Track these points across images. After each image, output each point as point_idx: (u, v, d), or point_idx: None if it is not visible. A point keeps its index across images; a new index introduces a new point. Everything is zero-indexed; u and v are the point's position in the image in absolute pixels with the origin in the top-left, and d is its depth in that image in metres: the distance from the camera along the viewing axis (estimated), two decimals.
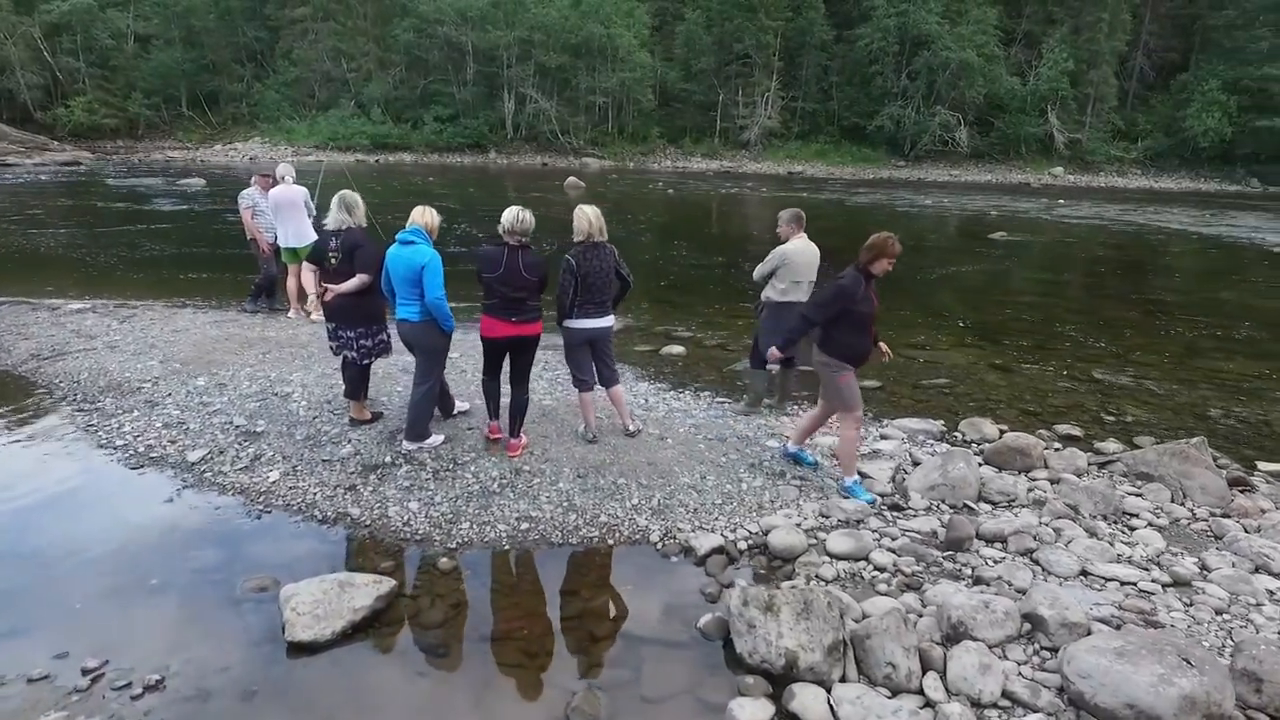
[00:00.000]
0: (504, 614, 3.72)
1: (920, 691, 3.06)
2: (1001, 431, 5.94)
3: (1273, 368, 8.25)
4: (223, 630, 3.51)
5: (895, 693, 3.06)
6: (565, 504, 4.57)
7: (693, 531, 4.38)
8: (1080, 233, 21.50)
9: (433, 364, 4.92)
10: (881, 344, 4.83)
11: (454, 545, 4.23)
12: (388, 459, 4.99)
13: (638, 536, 4.36)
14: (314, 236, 8.31)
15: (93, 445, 5.34)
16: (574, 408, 5.82)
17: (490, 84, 49.80)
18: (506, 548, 4.24)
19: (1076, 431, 6.08)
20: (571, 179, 30.89)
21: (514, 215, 4.69)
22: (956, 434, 5.99)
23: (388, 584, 3.67)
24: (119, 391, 6.18)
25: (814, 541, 4.26)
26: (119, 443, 5.35)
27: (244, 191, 8.64)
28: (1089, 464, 5.35)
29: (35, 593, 3.73)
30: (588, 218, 4.86)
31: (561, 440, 5.26)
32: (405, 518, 4.44)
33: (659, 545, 4.30)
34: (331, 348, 5.35)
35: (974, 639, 3.25)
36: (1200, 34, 48.62)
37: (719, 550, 4.19)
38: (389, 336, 5.32)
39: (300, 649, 3.36)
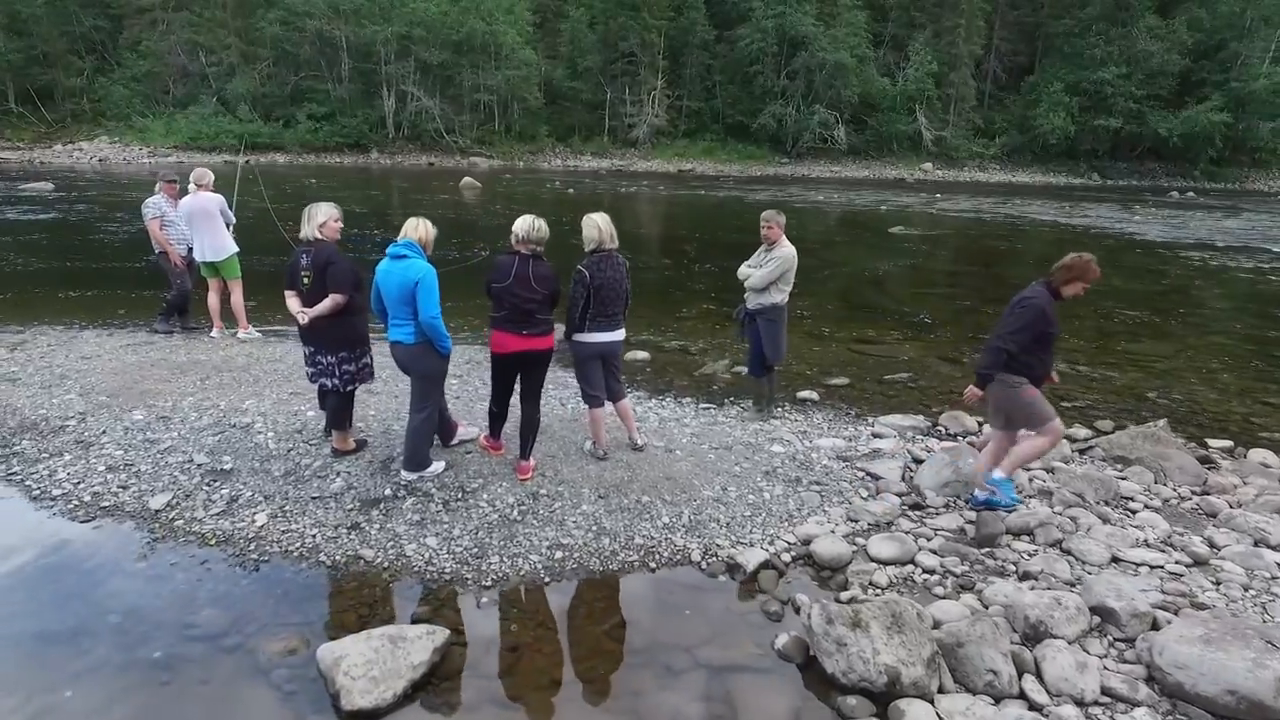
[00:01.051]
0: (566, 654, 3.47)
1: (1022, 696, 3.07)
2: (980, 424, 6.17)
3: (1178, 348, 9.04)
4: (260, 706, 3.09)
5: (998, 700, 3.06)
6: (595, 528, 4.34)
7: (733, 547, 4.26)
8: (966, 225, 22.91)
9: (430, 389, 4.56)
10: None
11: (489, 583, 3.92)
12: (387, 491, 4.60)
13: (678, 557, 4.20)
14: (234, 248, 7.65)
15: (24, 498, 4.62)
16: (569, 423, 5.60)
17: (368, 81, 47.58)
18: (546, 580, 3.97)
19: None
20: (467, 179, 30.04)
21: (529, 224, 4.41)
22: (940, 428, 6.17)
23: (441, 634, 3.35)
24: (36, 432, 5.39)
25: (854, 548, 4.24)
26: (56, 492, 4.65)
27: (149, 200, 7.78)
28: (1073, 450, 5.62)
29: (12, 687, 3.16)
30: (597, 225, 4.64)
31: (569, 459, 5.01)
32: (426, 556, 4.08)
33: (703, 564, 4.15)
34: (308, 374, 4.86)
35: (1054, 637, 3.31)
36: (1043, 40, 53.06)
37: (766, 565, 4.10)
38: (372, 360, 4.90)
39: (360, 718, 3.00)
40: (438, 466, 4.73)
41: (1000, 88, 54.26)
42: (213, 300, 7.88)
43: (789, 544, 4.32)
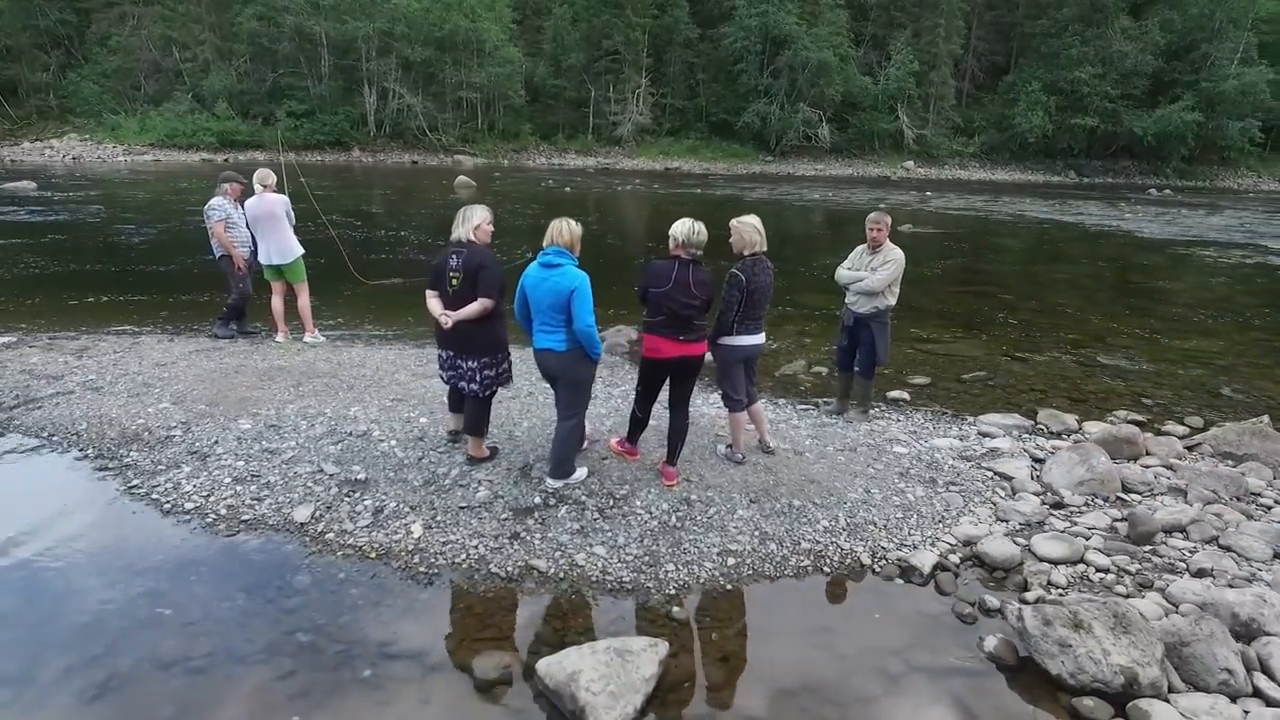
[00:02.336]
0: (780, 662, 3.44)
1: (1256, 694, 3.11)
2: (1079, 422, 6.25)
3: (1227, 344, 9.25)
4: None
5: (1234, 698, 3.09)
6: (757, 533, 4.31)
7: (898, 549, 4.26)
8: (971, 223, 23.23)
9: (580, 395, 4.48)
10: None
11: (672, 591, 3.87)
12: (537, 500, 4.52)
13: (848, 560, 4.19)
14: (300, 250, 7.48)
15: (156, 512, 4.47)
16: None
17: (349, 78, 46.83)
18: (727, 586, 3.94)
19: (1137, 416, 6.49)
20: (462, 178, 29.68)
21: (689, 228, 4.36)
22: (1042, 426, 6.23)
23: (662, 646, 3.29)
24: (142, 443, 5.22)
25: (1019, 548, 4.27)
26: (189, 506, 4.50)
27: (213, 201, 7.57)
28: (1183, 447, 5.72)
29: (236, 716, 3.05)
30: (754, 228, 4.61)
31: (705, 463, 4.97)
32: (600, 565, 4.02)
33: (874, 567, 4.15)
34: (443, 378, 4.77)
35: (1268, 634, 3.35)
36: (1018, 40, 53.98)
37: (939, 567, 4.11)
38: (511, 365, 4.82)
39: None
40: (581, 473, 4.66)
41: (978, 87, 55.11)
42: (277, 304, 7.70)
43: (951, 545, 4.33)
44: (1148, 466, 5.35)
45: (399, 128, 47.45)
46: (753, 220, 4.65)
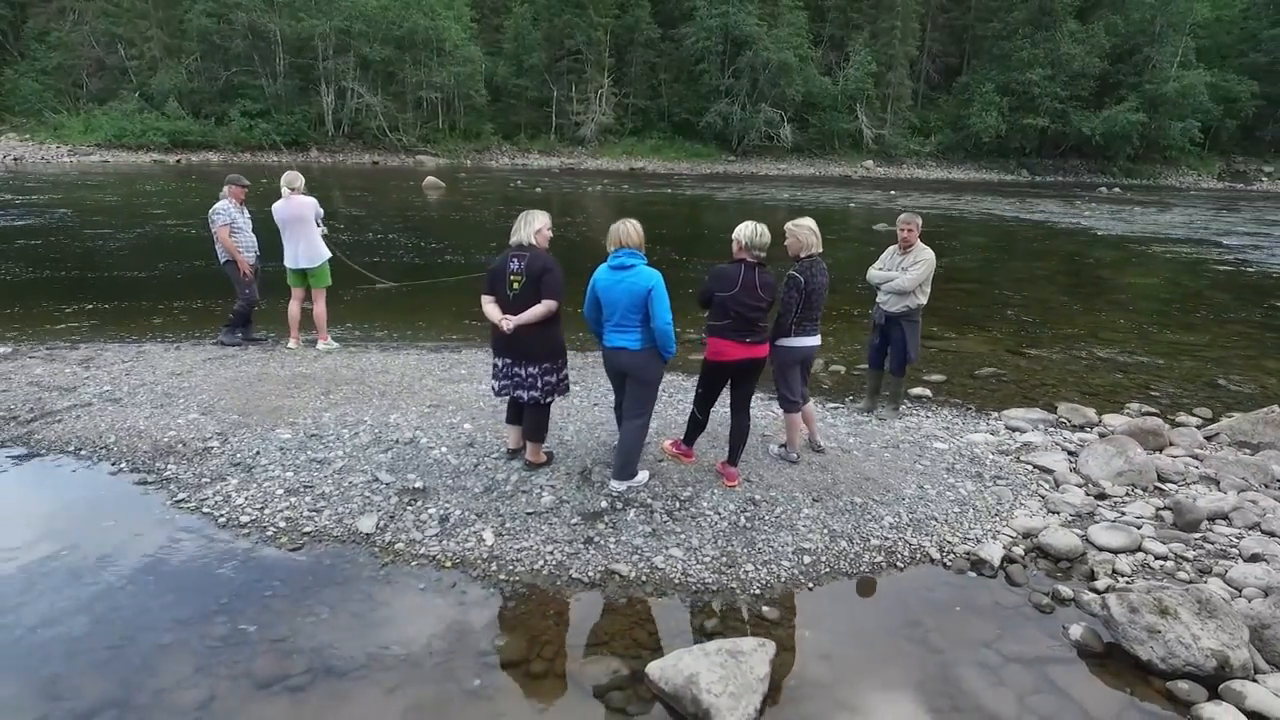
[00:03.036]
0: (880, 659, 3.49)
1: None
2: (1098, 415, 6.46)
3: (1210, 337, 9.65)
4: None
5: None
6: (827, 531, 4.37)
7: (963, 543, 4.37)
8: (940, 222, 23.73)
9: (650, 395, 4.49)
10: None
11: (756, 590, 3.91)
12: (603, 504, 4.51)
13: (917, 555, 4.27)
14: (327, 254, 7.33)
15: (212, 526, 4.34)
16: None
17: (305, 76, 45.87)
18: (809, 585, 3.98)
19: (1151, 409, 6.74)
20: (431, 179, 29.32)
21: (751, 230, 4.39)
22: (1064, 420, 6.43)
23: (770, 646, 3.32)
24: (179, 456, 5.06)
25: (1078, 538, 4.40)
26: (245, 519, 4.38)
27: (218, 205, 7.38)
28: (1203, 436, 5.96)
29: None
30: (810, 230, 4.67)
31: (760, 463, 5.02)
32: (679, 567, 4.03)
33: (945, 561, 4.24)
34: (495, 388, 4.71)
35: None
36: (971, 42, 55.38)
37: (1008, 559, 4.22)
38: (568, 374, 4.79)
39: None
40: (644, 476, 4.67)
41: (932, 88, 56.36)
42: (293, 309, 7.54)
43: (1012, 538, 4.45)
44: (1175, 457, 5.56)
45: (358, 128, 46.63)
46: (809, 223, 4.71)
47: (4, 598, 3.64)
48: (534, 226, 4.48)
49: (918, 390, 7.08)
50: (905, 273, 5.79)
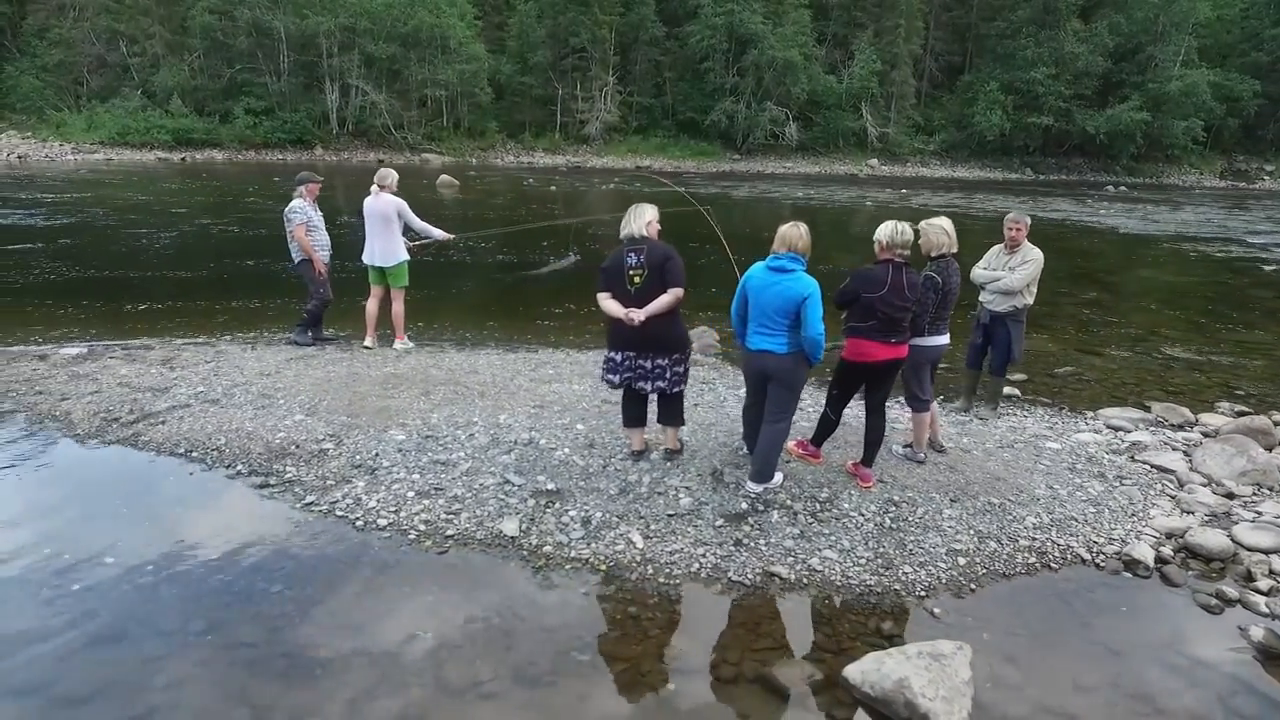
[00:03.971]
0: (1066, 660, 3.47)
1: None
2: (1194, 414, 6.46)
3: (1272, 336, 9.67)
4: None
5: None
6: (973, 531, 4.34)
7: (1109, 543, 4.34)
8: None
9: (793, 400, 4.45)
10: None
11: (921, 592, 3.88)
12: (743, 505, 4.47)
13: (1067, 556, 4.25)
14: (405, 255, 7.26)
15: (349, 528, 4.27)
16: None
17: (310, 74, 45.55)
18: (971, 587, 3.95)
19: (1243, 407, 6.74)
20: (445, 178, 29.14)
21: (892, 229, 4.36)
22: (1161, 419, 6.41)
23: (967, 648, 3.29)
24: (295, 458, 4.98)
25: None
26: (382, 522, 4.32)
27: (293, 204, 7.30)
28: None
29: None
30: (943, 230, 4.65)
31: (887, 464, 4.98)
32: (838, 569, 3.99)
33: (1096, 562, 4.21)
34: (614, 381, 4.66)
35: None
36: (973, 41, 55.49)
37: (1160, 560, 4.20)
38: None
39: None
40: (779, 478, 4.63)
41: (935, 86, 56.43)
42: (371, 307, 7.47)
43: (1156, 537, 4.43)
44: None
45: (363, 126, 46.32)
46: (942, 223, 4.69)
47: (173, 606, 3.57)
48: (645, 219, 4.47)
49: (1005, 389, 7.05)
50: (1013, 272, 5.77)
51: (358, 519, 4.36)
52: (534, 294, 10.90)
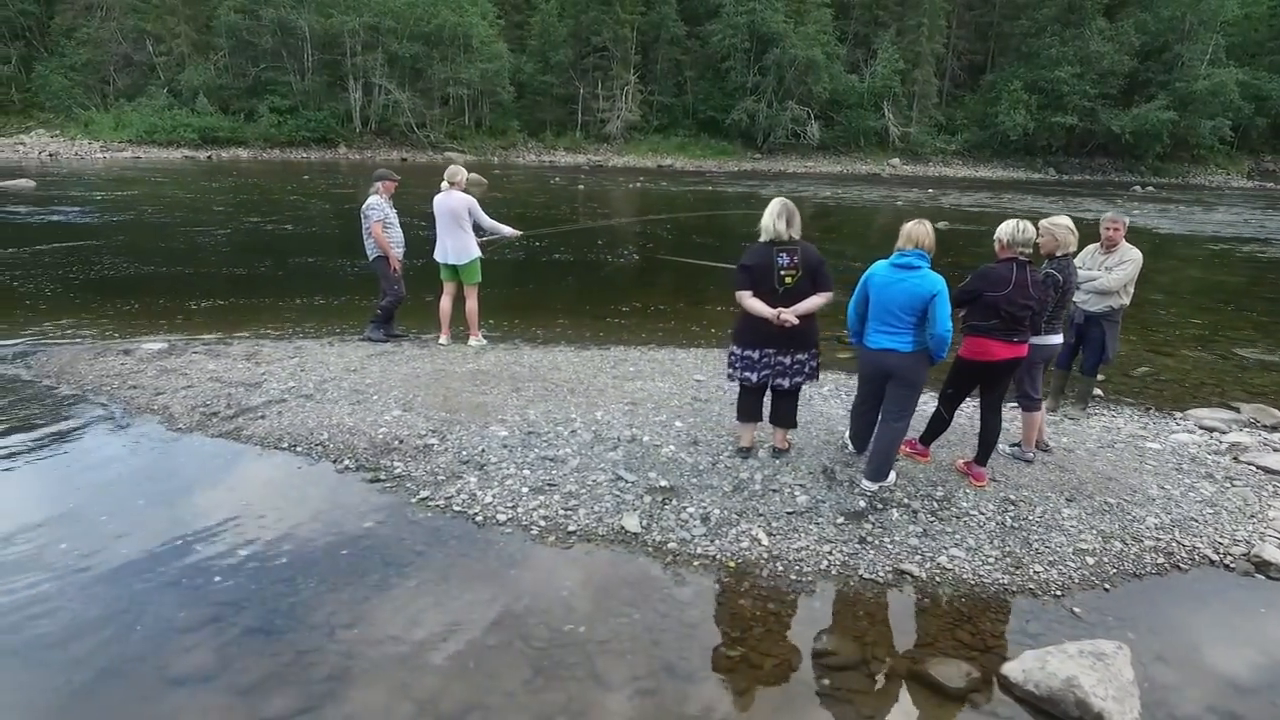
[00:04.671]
0: (1219, 662, 3.43)
1: None
2: None
3: None
4: None
5: None
6: (1096, 531, 4.31)
7: (1234, 544, 4.30)
8: (993, 221, 23.63)
9: (914, 397, 4.43)
10: None
11: (1057, 591, 3.85)
12: (861, 504, 4.46)
13: (1195, 557, 4.21)
14: (477, 252, 7.28)
15: (470, 524, 4.28)
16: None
17: (334, 73, 45.83)
18: (1105, 586, 3.93)
19: None
20: (474, 175, 29.13)
21: (1013, 228, 4.34)
22: (1253, 419, 6.35)
23: (1126, 648, 3.27)
24: (401, 454, 5.01)
25: None
26: (501, 518, 4.33)
27: (370, 200, 7.34)
28: None
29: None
30: (1068, 229, 4.64)
31: (995, 462, 4.93)
32: (967, 567, 3.97)
33: (1226, 563, 4.17)
34: (752, 379, 4.66)
35: None
36: (996, 40, 55.16)
37: None
38: None
39: None
40: (893, 476, 4.62)
41: (957, 85, 56.16)
42: (445, 305, 7.50)
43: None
44: None
45: (386, 124, 46.56)
46: (1065, 221, 4.66)
47: (315, 600, 3.60)
48: (796, 221, 4.47)
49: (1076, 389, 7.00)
50: (1110, 272, 5.72)
51: (476, 514, 4.37)
52: (598, 292, 10.98)
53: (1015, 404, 5.03)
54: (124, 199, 20.61)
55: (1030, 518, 4.38)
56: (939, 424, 4.78)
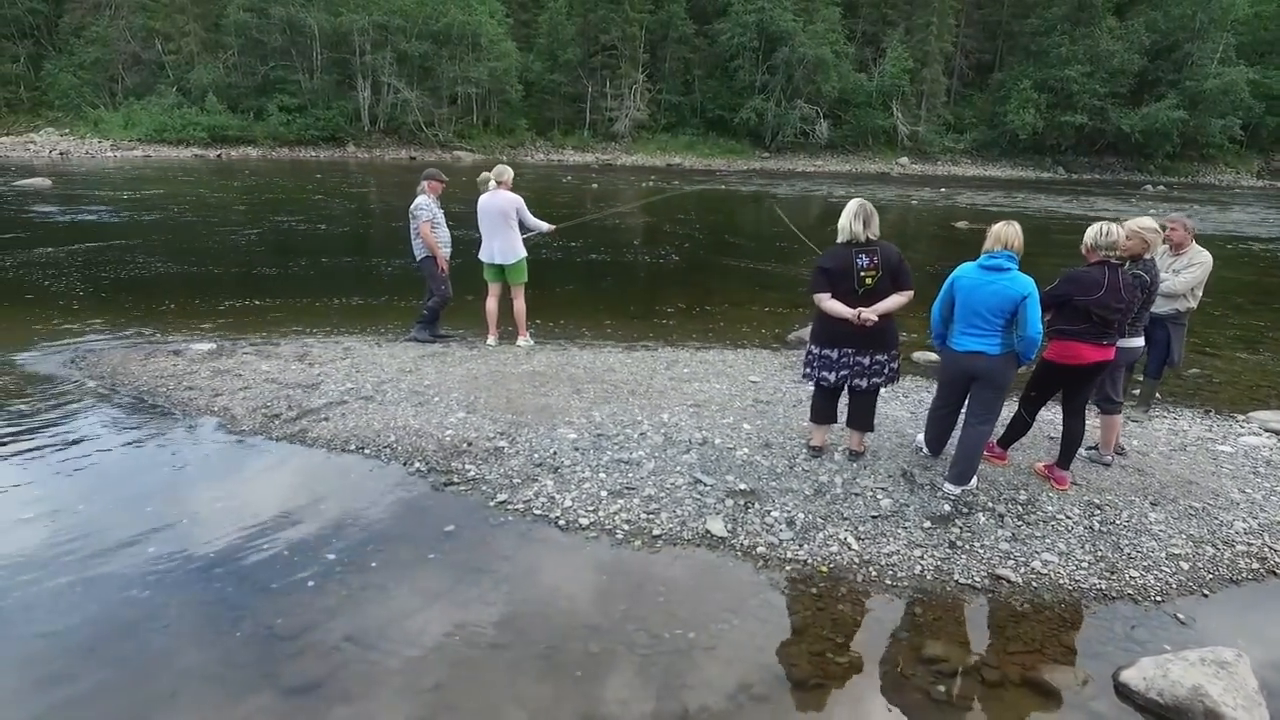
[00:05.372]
0: None
1: None
2: None
3: None
4: None
5: None
6: (1185, 536, 4.26)
7: None
8: (1020, 220, 23.54)
9: (998, 401, 4.39)
10: None
11: (1158, 598, 3.81)
12: (946, 508, 4.42)
13: None
14: (523, 252, 7.24)
15: (552, 529, 4.24)
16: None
17: (343, 71, 45.82)
18: (1205, 593, 3.88)
19: None
20: (484, 174, 29.04)
21: (1098, 231, 4.30)
22: None
23: (1246, 656, 3.23)
24: (472, 456, 4.97)
25: None
26: (584, 522, 4.30)
27: (419, 200, 7.32)
28: None
29: None
30: (1156, 231, 4.58)
31: (1073, 466, 4.90)
32: (1063, 572, 3.93)
33: None
34: (830, 379, 4.62)
35: None
36: (1004, 39, 55.05)
37: None
38: None
39: None
40: (974, 480, 4.58)
41: (965, 84, 56.05)
42: (491, 306, 7.47)
43: None
44: None
45: (394, 123, 46.56)
46: (1151, 223, 4.61)
47: (411, 605, 3.56)
48: (874, 222, 4.44)
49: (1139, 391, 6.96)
50: (1178, 275, 5.67)
51: (558, 518, 4.33)
52: (640, 293, 10.97)
53: (1094, 407, 4.98)
54: (147, 198, 20.59)
55: (1117, 522, 4.34)
56: (1020, 427, 4.73)
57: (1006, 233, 4.19)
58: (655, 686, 3.14)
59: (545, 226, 7.49)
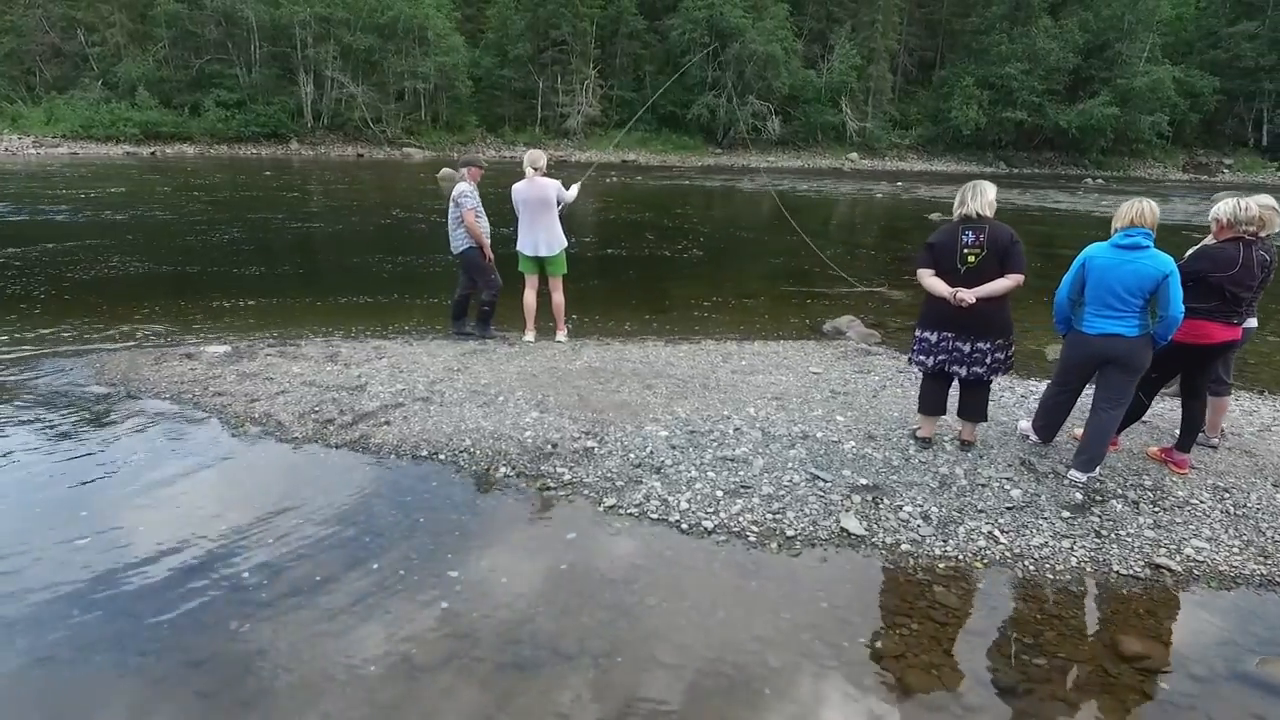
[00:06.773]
0: None
1: None
2: None
3: None
4: None
5: None
6: None
7: None
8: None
9: (1133, 384, 4.24)
10: None
11: None
12: (1077, 496, 4.26)
13: None
14: (565, 241, 6.88)
15: (676, 533, 3.92)
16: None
17: (284, 65, 44.02)
18: None
19: None
20: (446, 170, 28.37)
21: (1233, 207, 4.20)
22: None
23: None
24: (560, 459, 4.61)
25: None
26: (707, 524, 3.99)
27: (461, 187, 6.87)
28: None
29: None
30: (1274, 209, 4.49)
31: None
32: (1220, 559, 3.80)
33: None
34: (927, 364, 4.43)
35: None
36: (945, 36, 56.42)
37: None
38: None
39: None
40: (1098, 467, 4.43)
41: (909, 81, 57.18)
42: (529, 299, 7.08)
43: None
44: None
45: (339, 119, 44.93)
46: (1271, 201, 4.53)
47: (549, 623, 3.21)
48: (987, 197, 4.28)
49: None
50: None
51: (678, 521, 4.02)
52: (669, 288, 10.63)
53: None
54: (114, 198, 19.31)
55: (1248, 504, 4.25)
56: (1138, 409, 4.61)
57: (1140, 209, 4.04)
58: (852, 701, 2.87)
59: (574, 193, 7.03)
